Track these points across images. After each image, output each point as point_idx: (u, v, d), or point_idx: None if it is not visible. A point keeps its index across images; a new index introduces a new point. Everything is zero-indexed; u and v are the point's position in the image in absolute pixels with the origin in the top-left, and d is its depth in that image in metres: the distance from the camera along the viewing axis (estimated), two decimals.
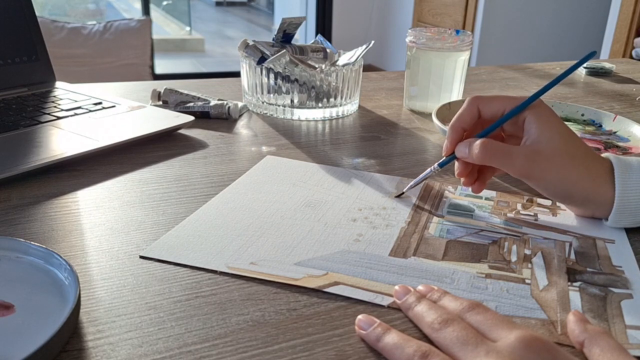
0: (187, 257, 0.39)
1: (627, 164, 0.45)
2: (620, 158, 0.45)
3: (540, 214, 0.48)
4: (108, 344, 0.31)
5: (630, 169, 0.44)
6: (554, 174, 0.43)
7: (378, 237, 0.43)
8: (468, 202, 0.50)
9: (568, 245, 0.43)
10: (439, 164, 0.49)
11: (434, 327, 0.31)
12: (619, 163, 0.44)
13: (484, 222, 0.46)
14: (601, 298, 0.36)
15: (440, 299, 0.35)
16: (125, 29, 2.75)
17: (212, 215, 0.45)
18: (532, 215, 0.48)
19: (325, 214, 0.46)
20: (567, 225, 0.46)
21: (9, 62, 0.73)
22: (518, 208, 0.49)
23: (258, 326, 0.33)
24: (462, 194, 0.52)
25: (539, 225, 0.46)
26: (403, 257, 0.40)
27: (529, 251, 0.42)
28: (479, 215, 0.48)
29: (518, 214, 0.48)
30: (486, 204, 0.50)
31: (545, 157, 0.43)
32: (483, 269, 0.39)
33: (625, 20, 2.33)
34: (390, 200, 0.50)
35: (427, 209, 0.48)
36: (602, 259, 0.42)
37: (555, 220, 0.47)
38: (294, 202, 0.48)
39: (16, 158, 0.52)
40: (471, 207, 0.49)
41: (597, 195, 0.44)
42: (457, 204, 0.50)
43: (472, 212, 0.48)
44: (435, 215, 0.47)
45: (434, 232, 0.44)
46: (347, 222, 0.45)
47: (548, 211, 0.49)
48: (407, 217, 0.47)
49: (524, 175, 0.44)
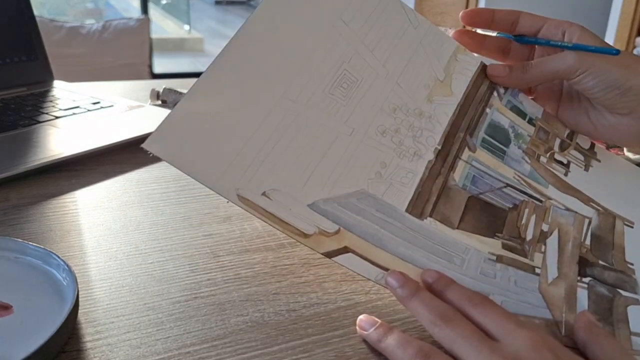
0: (195, 164, 0.33)
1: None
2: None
3: (573, 163, 0.45)
4: (106, 344, 0.30)
5: None
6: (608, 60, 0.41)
7: (401, 175, 0.38)
8: (509, 123, 0.45)
9: (587, 223, 0.41)
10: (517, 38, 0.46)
11: (436, 324, 0.31)
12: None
13: (513, 170, 0.43)
14: (608, 300, 0.36)
15: (445, 289, 0.34)
16: (124, 28, 2.75)
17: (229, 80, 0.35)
18: (565, 164, 0.45)
19: (356, 107, 0.39)
20: (594, 190, 0.44)
21: (8, 61, 0.72)
22: (555, 148, 0.46)
23: (257, 327, 0.32)
24: (508, 105, 0.46)
25: (567, 185, 0.44)
26: (419, 217, 0.37)
27: (546, 227, 0.40)
28: (511, 155, 0.44)
29: (551, 159, 0.45)
30: (527, 129, 0.45)
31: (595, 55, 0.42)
32: (496, 247, 0.38)
33: (626, 19, 2.33)
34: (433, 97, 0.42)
35: (464, 126, 0.43)
36: (616, 248, 0.40)
37: (586, 177, 0.45)
38: (325, 71, 0.38)
39: (14, 158, 0.52)
40: (509, 135, 0.45)
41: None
42: (496, 124, 0.45)
43: (506, 146, 0.44)
44: (467, 147, 0.42)
45: (459, 179, 0.40)
46: (374, 134, 0.39)
47: (582, 160, 0.46)
48: (439, 138, 0.41)
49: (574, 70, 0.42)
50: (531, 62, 0.44)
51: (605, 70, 0.41)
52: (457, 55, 0.45)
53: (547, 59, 0.44)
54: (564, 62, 0.42)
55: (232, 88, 0.35)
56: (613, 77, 0.42)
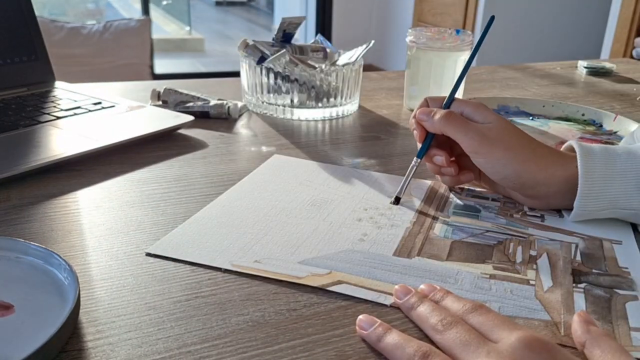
0: (192, 254, 0.39)
1: (588, 147, 0.46)
2: (580, 142, 0.47)
3: (547, 214, 0.48)
4: (107, 344, 0.31)
5: (592, 151, 0.45)
6: (502, 152, 0.46)
7: (383, 236, 0.43)
8: (474, 203, 0.50)
9: (574, 247, 0.43)
10: (417, 155, 0.50)
11: (437, 329, 0.31)
12: (581, 146, 0.45)
13: (490, 222, 0.46)
14: (606, 300, 0.36)
15: (442, 299, 0.34)
16: (125, 28, 2.75)
17: (218, 214, 0.46)
18: (539, 216, 0.48)
19: (331, 214, 0.47)
20: (574, 226, 0.46)
21: (9, 62, 0.73)
22: (525, 209, 0.49)
23: (258, 326, 0.33)
24: (469, 195, 0.52)
25: (546, 227, 0.46)
26: (407, 257, 0.40)
27: (535, 252, 0.42)
28: (485, 216, 0.48)
29: (525, 215, 0.48)
30: (493, 204, 0.50)
31: (495, 134, 0.46)
32: (487, 269, 0.39)
33: (625, 20, 2.33)
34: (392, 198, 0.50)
35: (432, 209, 0.48)
36: (608, 260, 0.41)
37: (562, 221, 0.47)
38: (300, 201, 0.49)
39: (15, 158, 0.52)
40: (477, 207, 0.49)
41: (548, 178, 0.45)
42: (463, 204, 0.50)
43: (478, 212, 0.48)
44: (440, 216, 0.47)
45: (439, 233, 0.44)
46: (352, 222, 0.45)
47: (555, 212, 0.49)
48: (412, 217, 0.47)
49: (474, 150, 0.46)
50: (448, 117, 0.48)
51: (501, 164, 0.46)
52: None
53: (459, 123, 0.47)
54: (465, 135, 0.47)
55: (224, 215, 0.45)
56: (507, 172, 0.46)
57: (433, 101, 0.52)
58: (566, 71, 1.13)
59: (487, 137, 0.46)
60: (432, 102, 0.52)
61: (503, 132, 0.46)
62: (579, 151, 0.45)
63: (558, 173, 0.45)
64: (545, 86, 1.00)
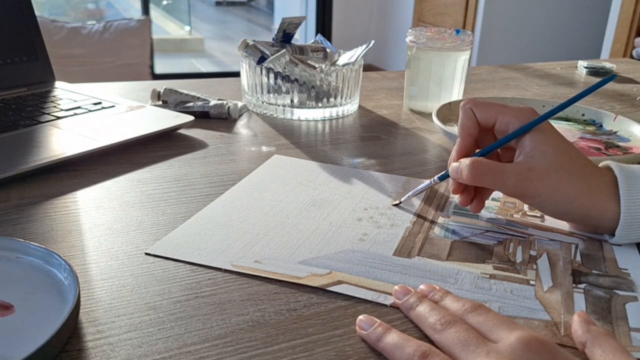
0: (192, 255, 0.39)
1: (631, 173, 0.42)
2: (623, 167, 0.42)
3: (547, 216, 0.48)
4: (108, 344, 0.31)
5: (635, 177, 0.41)
6: (550, 192, 0.41)
7: (383, 236, 0.43)
8: None
9: (574, 247, 0.43)
10: (439, 177, 0.47)
11: (436, 329, 0.31)
12: (623, 173, 0.42)
13: (490, 222, 0.46)
14: (606, 300, 0.36)
15: (442, 299, 0.34)
16: (125, 28, 2.75)
17: (219, 214, 0.46)
18: (539, 216, 0.48)
19: (331, 214, 0.47)
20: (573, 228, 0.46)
21: (9, 62, 0.73)
22: (525, 209, 0.49)
23: (258, 326, 0.33)
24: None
25: (546, 227, 0.46)
26: (407, 257, 0.41)
27: (535, 252, 0.42)
28: (485, 216, 0.48)
29: (525, 215, 0.48)
30: (493, 204, 0.50)
31: (539, 173, 0.40)
32: (487, 269, 0.39)
33: (625, 20, 2.33)
34: (396, 200, 0.50)
35: (432, 209, 0.48)
36: (608, 261, 0.41)
37: (562, 222, 0.47)
38: (300, 202, 0.49)
39: (15, 158, 0.52)
40: None
41: (599, 211, 0.41)
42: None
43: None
44: (441, 216, 0.47)
45: (439, 233, 0.44)
46: (352, 222, 0.45)
47: None
48: (412, 217, 0.47)
49: (518, 194, 0.42)
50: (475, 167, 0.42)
51: (551, 203, 0.41)
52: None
53: (491, 172, 0.41)
54: (504, 183, 0.41)
55: (224, 215, 0.45)
56: (556, 210, 0.42)
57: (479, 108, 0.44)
58: (566, 71, 1.13)
59: (529, 179, 0.41)
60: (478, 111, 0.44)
61: (549, 167, 0.41)
62: (620, 177, 0.41)
63: (612, 208, 0.41)
64: (545, 86, 1.00)
